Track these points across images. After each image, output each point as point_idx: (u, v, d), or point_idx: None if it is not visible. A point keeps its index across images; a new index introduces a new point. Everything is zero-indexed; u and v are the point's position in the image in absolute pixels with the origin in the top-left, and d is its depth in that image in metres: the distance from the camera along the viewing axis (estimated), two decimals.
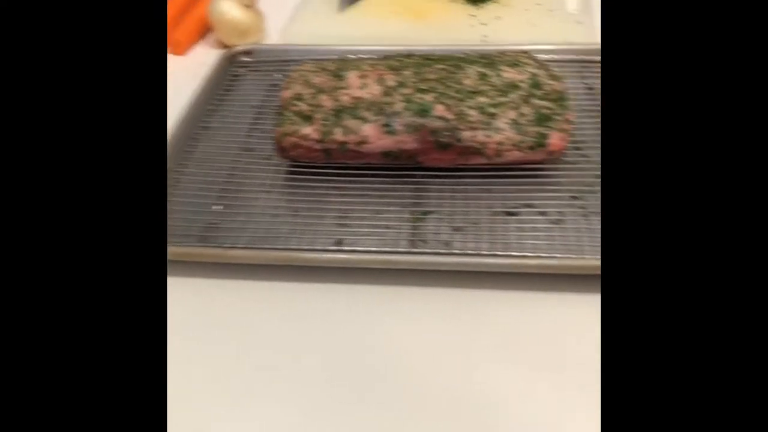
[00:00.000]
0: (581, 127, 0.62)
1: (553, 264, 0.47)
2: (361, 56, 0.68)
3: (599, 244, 0.49)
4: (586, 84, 0.68)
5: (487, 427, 0.41)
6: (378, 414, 0.42)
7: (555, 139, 0.54)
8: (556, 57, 0.70)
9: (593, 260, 0.47)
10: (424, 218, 0.54)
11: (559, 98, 0.57)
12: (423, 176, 0.57)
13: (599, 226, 0.51)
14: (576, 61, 0.70)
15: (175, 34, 0.80)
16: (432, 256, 0.49)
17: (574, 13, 0.79)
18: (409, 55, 0.63)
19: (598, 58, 0.70)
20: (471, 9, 0.80)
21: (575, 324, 0.46)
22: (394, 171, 0.58)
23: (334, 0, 0.84)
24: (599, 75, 0.69)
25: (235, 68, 0.75)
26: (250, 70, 0.75)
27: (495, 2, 0.81)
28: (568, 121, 0.56)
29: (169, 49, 0.80)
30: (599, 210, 0.53)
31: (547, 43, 0.72)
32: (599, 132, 0.61)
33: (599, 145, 0.60)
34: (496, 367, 0.44)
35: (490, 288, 0.49)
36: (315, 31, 0.78)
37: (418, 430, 0.41)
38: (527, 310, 0.48)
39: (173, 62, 0.79)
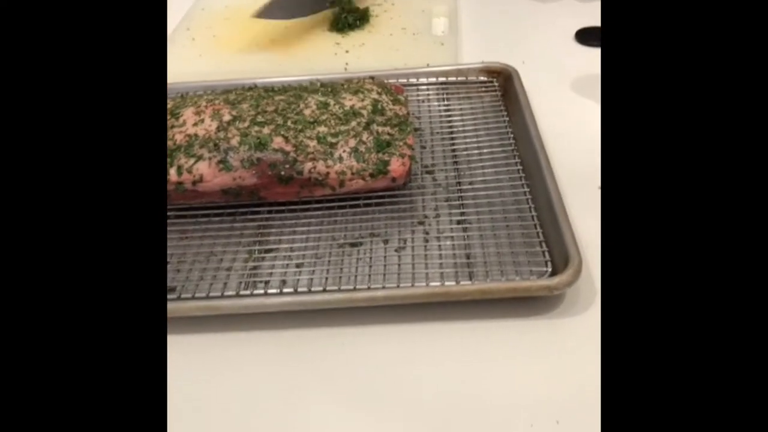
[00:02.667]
0: (434, 150, 0.61)
1: (377, 296, 0.45)
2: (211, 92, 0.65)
3: (435, 270, 0.48)
4: (445, 106, 0.67)
5: None
6: None
7: (395, 165, 0.53)
8: (415, 81, 0.69)
9: (422, 288, 0.46)
10: (265, 257, 0.51)
11: (401, 123, 0.56)
12: (268, 212, 0.55)
13: (438, 252, 0.50)
14: (436, 84, 0.70)
15: None
16: (257, 298, 0.46)
17: (438, 36, 0.79)
18: (250, 88, 0.61)
19: (457, 79, 0.69)
20: (336, 37, 0.79)
21: (407, 356, 0.44)
22: (239, 209, 0.55)
23: (198, 36, 0.82)
24: (458, 96, 0.68)
25: None
26: None
27: (361, 29, 0.80)
28: (408, 146, 0.54)
29: None
30: (440, 235, 0.51)
31: (406, 68, 0.71)
32: (452, 155, 0.60)
33: (448, 168, 0.58)
34: (326, 408, 0.42)
35: (323, 326, 0.46)
36: (179, 69, 0.76)
37: None
38: (355, 346, 0.45)
39: None
